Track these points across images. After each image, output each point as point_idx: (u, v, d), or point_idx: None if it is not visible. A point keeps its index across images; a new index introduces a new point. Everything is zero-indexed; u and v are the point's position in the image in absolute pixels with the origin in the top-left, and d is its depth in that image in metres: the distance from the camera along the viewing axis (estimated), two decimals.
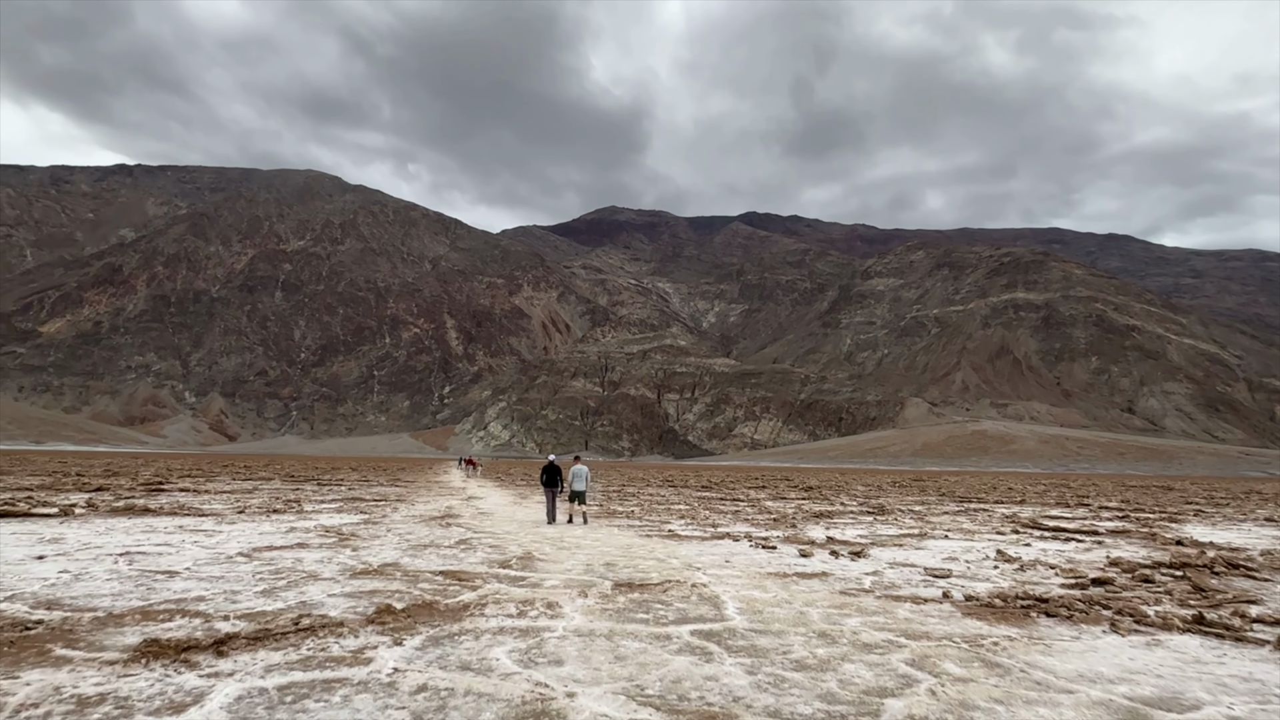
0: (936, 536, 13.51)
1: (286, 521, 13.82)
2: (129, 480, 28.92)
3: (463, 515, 17.02)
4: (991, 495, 33.60)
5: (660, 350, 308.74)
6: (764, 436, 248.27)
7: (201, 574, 7.72)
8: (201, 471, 44.14)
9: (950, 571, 9.12)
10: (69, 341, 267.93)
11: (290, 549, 9.82)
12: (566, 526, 14.46)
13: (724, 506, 21.87)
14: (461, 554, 9.83)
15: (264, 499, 20.12)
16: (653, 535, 12.83)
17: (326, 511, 16.71)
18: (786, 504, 23.98)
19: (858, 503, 25.36)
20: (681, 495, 28.26)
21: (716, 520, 16.56)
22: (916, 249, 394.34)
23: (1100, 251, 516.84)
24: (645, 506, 21.10)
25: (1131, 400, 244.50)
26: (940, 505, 24.73)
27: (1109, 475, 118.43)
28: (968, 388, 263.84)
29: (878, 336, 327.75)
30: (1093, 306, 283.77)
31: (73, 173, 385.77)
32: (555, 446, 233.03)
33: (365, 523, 14.10)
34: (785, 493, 32.10)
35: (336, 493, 24.71)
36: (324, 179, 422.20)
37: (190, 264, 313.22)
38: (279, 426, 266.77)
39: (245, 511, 15.73)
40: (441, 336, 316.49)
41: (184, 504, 17.34)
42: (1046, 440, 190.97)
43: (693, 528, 14.43)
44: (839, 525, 15.77)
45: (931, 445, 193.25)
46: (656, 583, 7.74)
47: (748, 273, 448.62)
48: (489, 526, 14.14)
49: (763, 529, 14.43)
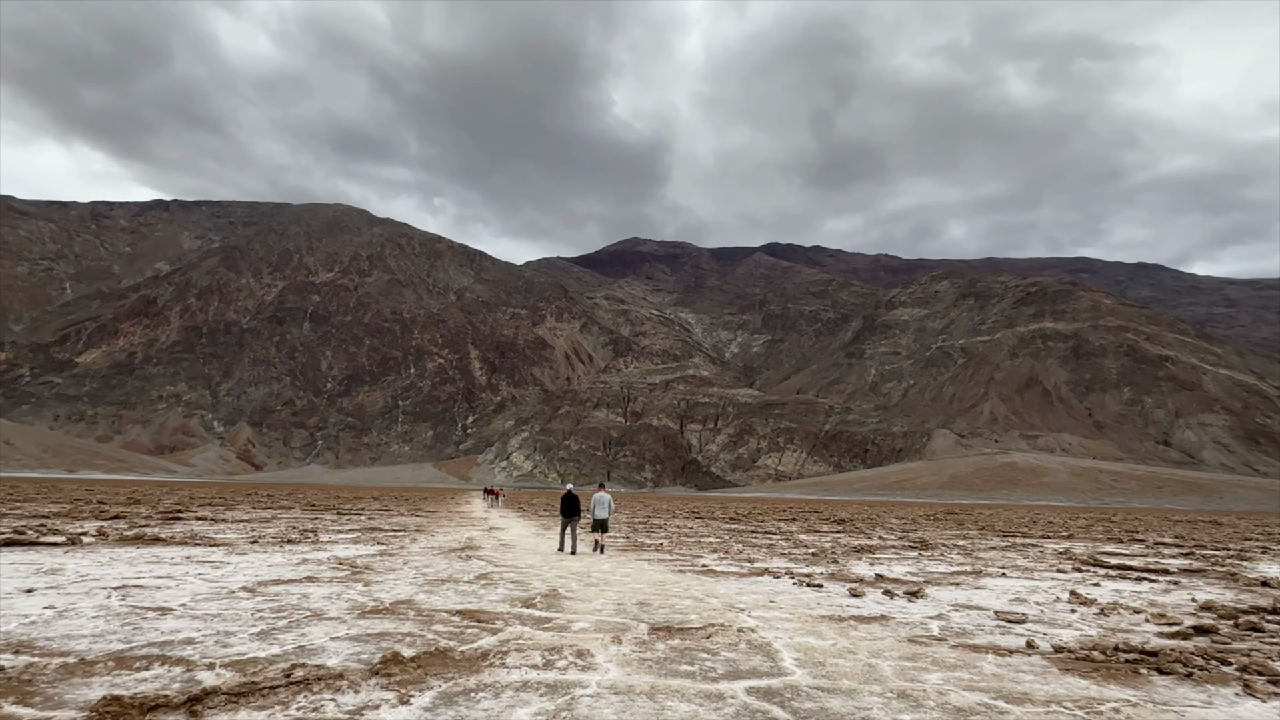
0: (992, 574, 12.43)
1: (299, 552, 13.18)
2: (149, 508, 28.58)
3: (484, 547, 16.37)
4: (1034, 530, 32.00)
5: (683, 381, 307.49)
6: (788, 468, 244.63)
7: (196, 611, 7.02)
8: (224, 500, 43.94)
9: (1024, 616, 8.12)
10: (104, 371, 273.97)
11: (298, 583, 9.12)
12: (592, 559, 13.66)
13: (756, 539, 20.85)
14: (481, 590, 9.06)
15: (280, 528, 19.58)
16: (686, 570, 11.94)
17: (343, 542, 16.13)
18: (821, 537, 22.84)
19: (896, 537, 24.11)
20: (710, 527, 27.22)
21: (752, 555, 15.63)
22: (941, 279, 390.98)
23: (1130, 281, 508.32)
24: (675, 539, 20.18)
25: (1167, 432, 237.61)
26: (984, 540, 23.40)
27: (1147, 509, 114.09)
28: (996, 419, 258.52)
29: (903, 367, 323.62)
30: (1124, 336, 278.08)
31: (112, 208, 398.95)
32: (578, 477, 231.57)
33: (381, 554, 13.41)
34: (817, 525, 30.86)
35: (355, 523, 24.14)
36: (352, 212, 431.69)
37: (222, 296, 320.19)
38: (305, 456, 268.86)
39: (259, 541, 15.15)
40: (465, 367, 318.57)
41: (197, 533, 16.80)
42: (1079, 473, 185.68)
43: (728, 563, 13.52)
44: (883, 561, 14.74)
45: (960, 477, 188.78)
46: (698, 627, 6.88)
47: (770, 303, 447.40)
48: (511, 560, 13.41)
49: (803, 564, 13.49)
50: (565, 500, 16.27)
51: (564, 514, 16.07)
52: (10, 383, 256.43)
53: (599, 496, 15.99)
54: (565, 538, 16.10)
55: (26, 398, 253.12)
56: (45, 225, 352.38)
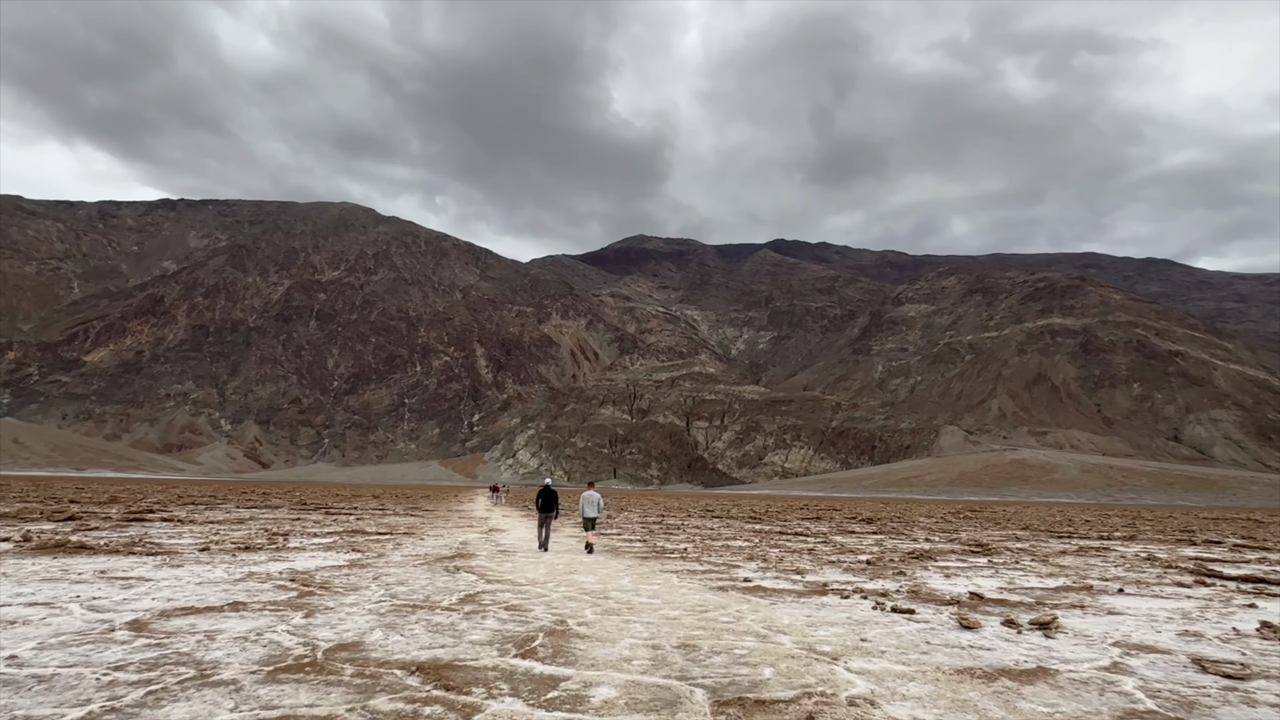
0: (1108, 592, 9.99)
1: (251, 564, 10.91)
2: (121, 508, 26.38)
3: (477, 555, 14.18)
4: (1080, 529, 29.45)
5: (689, 378, 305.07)
6: (795, 465, 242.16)
7: (33, 664, 4.70)
8: (212, 499, 41.68)
9: (1237, 664, 5.71)
10: (111, 370, 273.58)
11: (217, 613, 6.78)
12: (607, 572, 11.27)
13: (789, 543, 18.44)
14: (463, 623, 6.67)
15: (249, 532, 17.34)
16: (727, 588, 9.53)
17: (312, 549, 13.93)
18: (859, 539, 20.42)
19: (943, 538, 21.65)
20: (732, 528, 24.82)
21: (796, 564, 13.22)
22: (948, 275, 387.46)
23: (1139, 276, 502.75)
24: (699, 543, 17.77)
25: (1177, 428, 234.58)
26: (1041, 542, 20.92)
27: (1159, 506, 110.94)
28: (1004, 415, 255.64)
29: (910, 363, 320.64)
30: (1133, 332, 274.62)
31: (119, 208, 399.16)
32: (584, 474, 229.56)
33: (351, 566, 11.17)
34: (846, 525, 28.45)
35: (340, 524, 21.94)
36: (358, 211, 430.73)
37: (229, 294, 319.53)
38: (311, 454, 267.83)
39: (210, 549, 12.83)
40: (471, 365, 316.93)
41: (146, 539, 14.47)
42: (1089, 469, 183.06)
43: (773, 576, 11.11)
44: (956, 571, 12.34)
45: (969, 474, 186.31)
46: (786, 698, 4.45)
47: (776, 300, 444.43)
48: (509, 572, 11.15)
49: (864, 576, 11.11)
50: (543, 495, 15.99)
51: (541, 509, 15.84)
52: (19, 382, 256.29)
53: (588, 495, 15.73)
54: (543, 535, 15.83)
55: (35, 396, 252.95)
56: (53, 225, 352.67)
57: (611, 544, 17.83)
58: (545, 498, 15.99)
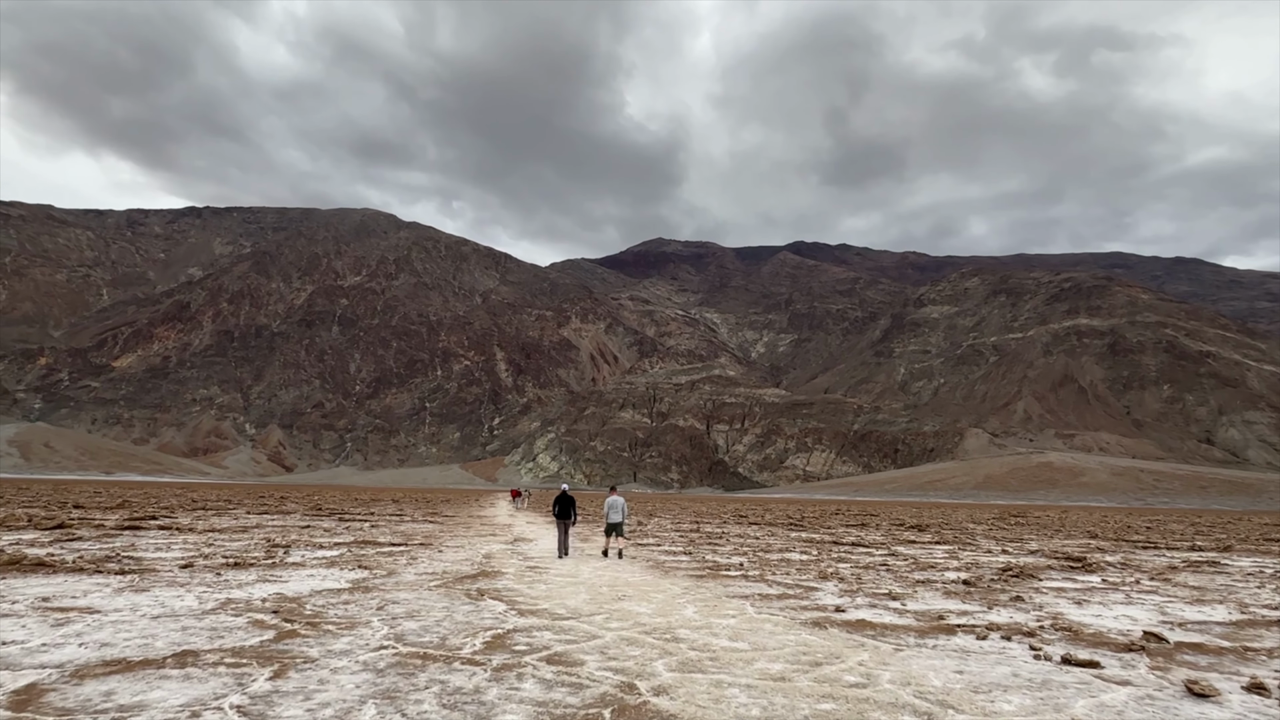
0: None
1: (233, 586, 9.27)
2: (124, 514, 24.86)
3: (504, 572, 12.26)
4: (1154, 537, 26.89)
5: (709, 381, 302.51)
6: (816, 468, 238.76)
7: None
8: (228, 503, 40.27)
9: None
10: (139, 375, 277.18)
11: (154, 670, 4.89)
12: (668, 602, 8.94)
13: (853, 555, 16.38)
14: (491, 689, 4.66)
15: (248, 543, 15.68)
16: (821, 621, 7.44)
17: (313, 564, 12.15)
18: (928, 551, 18.21)
19: (1018, 549, 19.33)
20: (777, 537, 22.75)
21: (878, 583, 11.30)
22: (971, 275, 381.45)
23: (1167, 275, 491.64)
24: (754, 557, 15.76)
25: (1210, 430, 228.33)
26: (1132, 554, 18.60)
27: (1194, 510, 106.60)
28: (1030, 418, 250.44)
29: (933, 365, 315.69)
30: (1162, 332, 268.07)
31: (147, 215, 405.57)
32: (604, 478, 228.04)
33: (353, 589, 9.37)
34: (897, 533, 26.22)
35: (352, 532, 20.28)
36: (379, 217, 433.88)
37: (253, 300, 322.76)
38: (334, 458, 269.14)
39: (194, 565, 11.15)
40: (491, 368, 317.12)
41: (121, 553, 12.73)
42: (1119, 472, 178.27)
43: (865, 602, 9.15)
44: (1077, 595, 10.32)
45: (995, 478, 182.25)
46: None
47: (796, 302, 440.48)
48: (543, 598, 9.22)
49: (974, 602, 9.10)
50: (560, 501, 15.67)
51: (559, 515, 15.55)
52: (50, 387, 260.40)
53: (612, 500, 15.49)
54: (563, 541, 15.49)
55: (66, 401, 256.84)
56: (83, 233, 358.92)
57: (653, 556, 16.07)
58: (562, 504, 15.62)
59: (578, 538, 20.71)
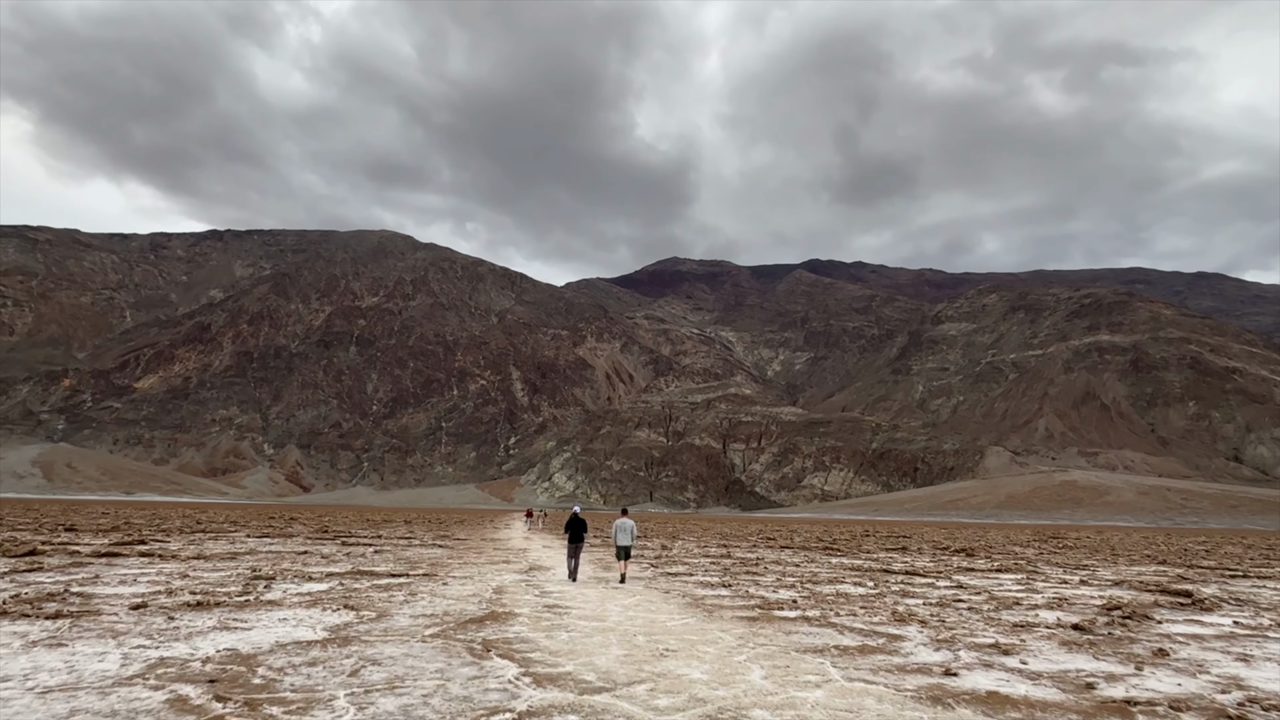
0: None
1: (179, 636, 8.06)
2: (116, 536, 24.95)
3: (517, 613, 10.66)
4: (1225, 562, 26.60)
5: (725, 399, 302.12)
6: (835, 488, 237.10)
7: None
8: (234, 524, 40.46)
9: None
10: (160, 396, 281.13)
11: None
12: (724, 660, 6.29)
13: (911, 587, 15.83)
14: None
15: (230, 573, 14.93)
16: (941, 696, 6.23)
17: (292, 602, 10.96)
18: (994, 581, 18.03)
19: (1086, 576, 19.36)
20: (817, 563, 23.05)
21: (969, 628, 10.28)
22: (988, 292, 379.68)
23: (1189, 291, 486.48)
24: (801, 588, 15.52)
25: (1237, 448, 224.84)
26: (1224, 583, 18.25)
27: (1226, 530, 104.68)
28: (1052, 435, 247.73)
29: (951, 383, 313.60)
30: (1186, 348, 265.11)
31: (170, 239, 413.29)
32: (620, 498, 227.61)
33: (329, 640, 8.04)
34: (943, 557, 26.30)
35: (352, 559, 19.35)
36: (396, 238, 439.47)
37: (272, 321, 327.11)
38: (351, 478, 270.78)
39: (148, 605, 10.01)
40: (507, 388, 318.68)
41: (74, 586, 11.90)
42: (1146, 491, 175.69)
43: (973, 659, 7.95)
44: (1223, 645, 9.29)
45: (1017, 497, 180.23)
46: None
47: (812, 320, 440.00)
48: (565, 651, 7.75)
49: (1109, 657, 8.24)
50: (571, 523, 15.63)
51: (571, 539, 15.57)
52: (74, 408, 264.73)
53: (622, 523, 15.38)
54: (574, 565, 15.62)
55: (89, 422, 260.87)
56: (108, 257, 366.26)
57: (688, 589, 14.59)
58: (574, 527, 15.59)
59: (599, 564, 20.19)
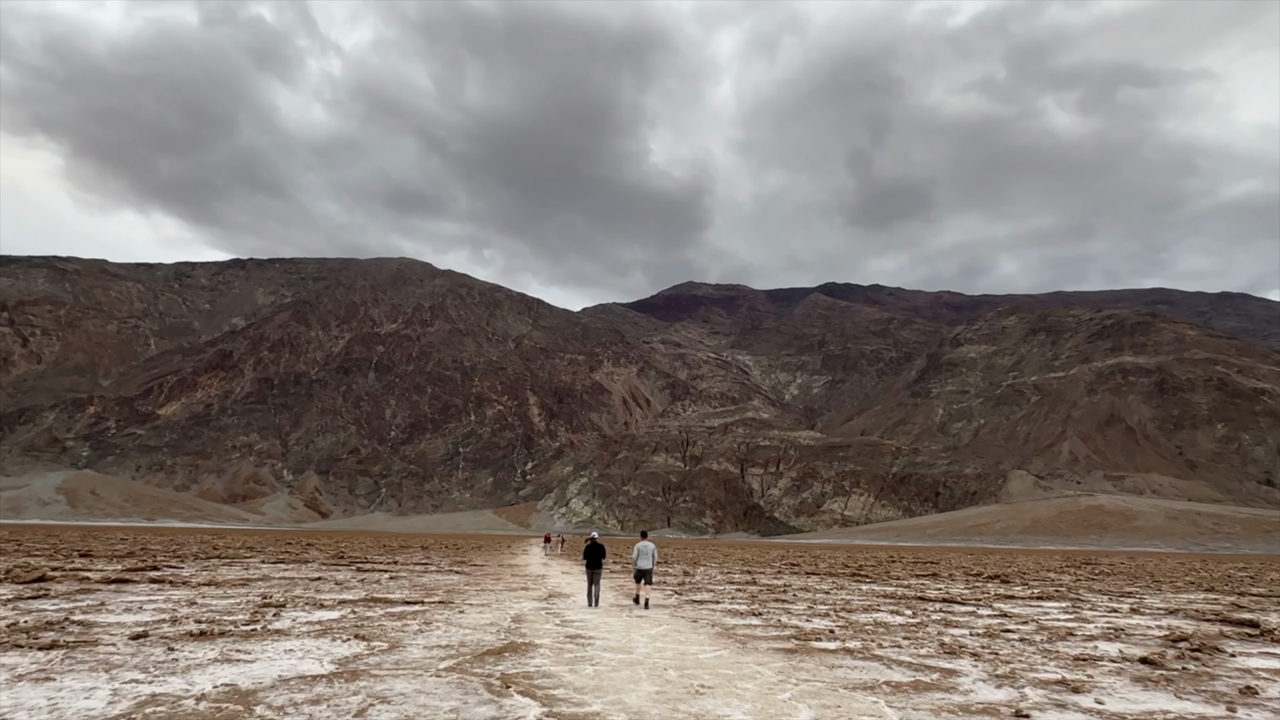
0: None
1: (177, 670, 7.56)
2: (130, 562, 24.82)
3: (537, 644, 10.08)
4: (1261, 587, 25.84)
5: (742, 424, 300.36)
6: (855, 513, 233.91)
7: None
8: (250, 550, 40.37)
9: None
10: (183, 423, 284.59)
11: None
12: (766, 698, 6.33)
13: (957, 617, 15.07)
14: None
15: (240, 600, 14.59)
16: None
17: (300, 632, 10.44)
18: (1042, 610, 17.32)
19: (1139, 603, 18.85)
20: (847, 590, 22.54)
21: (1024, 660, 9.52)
22: (1008, 314, 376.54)
23: (1214, 311, 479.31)
24: (840, 619, 14.86)
25: (1269, 471, 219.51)
26: None
27: (1261, 556, 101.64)
28: (1076, 459, 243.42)
29: (972, 406, 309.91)
30: (1213, 369, 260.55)
31: (194, 268, 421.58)
32: (637, 523, 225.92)
33: (336, 674, 7.51)
34: (977, 584, 25.64)
35: (366, 586, 19.09)
36: (415, 265, 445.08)
37: (293, 348, 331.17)
38: (369, 504, 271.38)
39: (149, 637, 9.57)
40: (524, 413, 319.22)
41: (74, 615, 11.68)
42: (1175, 516, 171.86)
43: (1044, 698, 7.48)
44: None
45: (1042, 522, 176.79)
46: None
47: (830, 343, 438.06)
48: (591, 690, 7.18)
49: (1189, 694, 7.79)
50: (589, 550, 15.62)
51: (589, 565, 15.52)
52: (98, 435, 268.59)
53: (642, 546, 15.44)
54: (593, 591, 15.53)
55: (112, 449, 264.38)
56: (133, 286, 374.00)
57: (716, 617, 14.18)
58: (592, 553, 15.52)
59: (621, 591, 19.92)
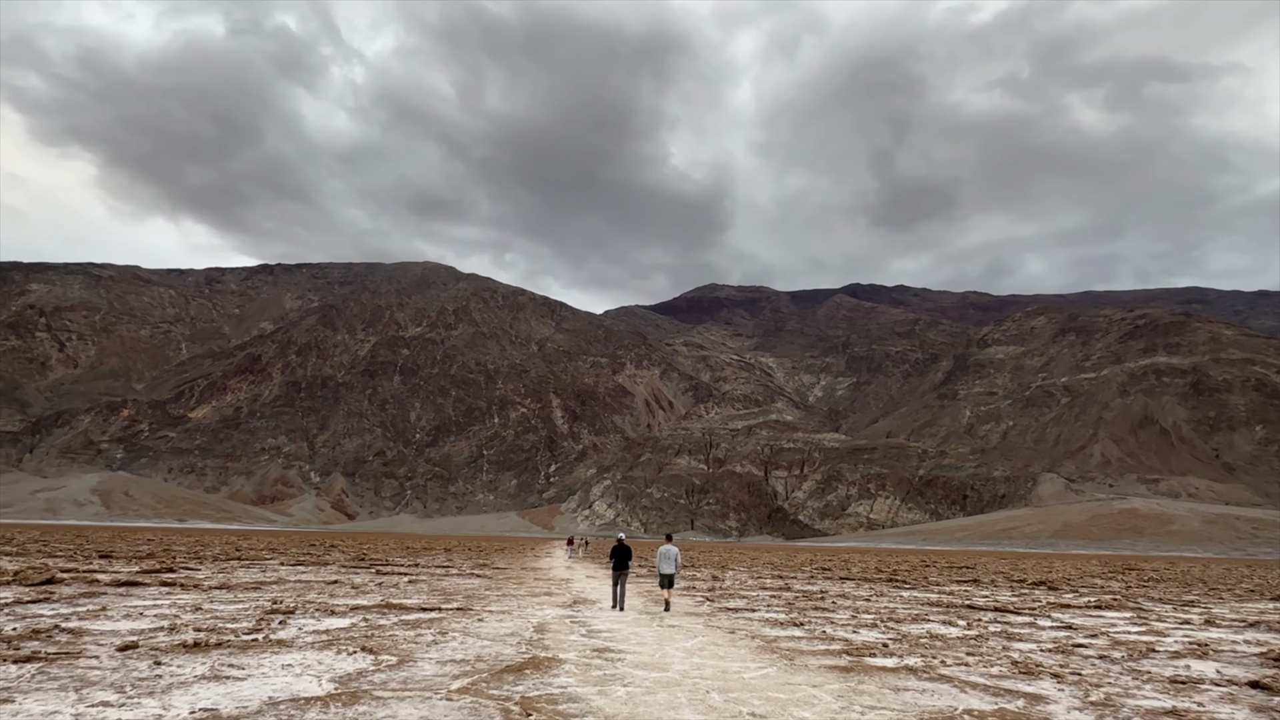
0: None
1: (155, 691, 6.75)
2: (150, 563, 24.75)
3: (562, 659, 9.28)
4: None
5: (766, 426, 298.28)
6: (880, 516, 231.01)
7: None
8: (272, 552, 40.45)
9: None
10: (213, 426, 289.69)
11: None
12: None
13: (1016, 629, 14.06)
14: None
15: (248, 605, 14.15)
16: None
17: (305, 642, 9.80)
18: (1107, 622, 16.19)
19: (1204, 613, 17.85)
20: (889, 597, 21.82)
21: (1112, 682, 8.85)
22: (1037, 314, 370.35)
23: (1250, 310, 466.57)
24: (890, 630, 13.97)
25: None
26: None
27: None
28: (1109, 461, 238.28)
29: (1000, 408, 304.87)
30: (1250, 370, 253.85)
31: (224, 274, 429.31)
32: (660, 525, 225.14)
33: (330, 699, 6.57)
34: (1022, 590, 24.72)
35: (383, 590, 18.56)
36: (439, 269, 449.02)
37: (319, 352, 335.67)
38: (394, 506, 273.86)
39: (138, 647, 9.03)
40: (548, 416, 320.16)
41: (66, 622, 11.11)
42: (1212, 520, 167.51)
43: None
44: None
45: (1074, 525, 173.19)
46: None
47: (854, 345, 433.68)
48: (623, 711, 6.65)
49: None
50: (616, 551, 15.60)
51: (615, 566, 15.42)
52: (131, 438, 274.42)
53: (666, 550, 15.48)
54: (618, 593, 15.44)
55: (145, 452, 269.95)
56: (166, 291, 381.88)
57: (753, 627, 13.41)
58: (619, 554, 15.46)
59: (649, 598, 19.29)
